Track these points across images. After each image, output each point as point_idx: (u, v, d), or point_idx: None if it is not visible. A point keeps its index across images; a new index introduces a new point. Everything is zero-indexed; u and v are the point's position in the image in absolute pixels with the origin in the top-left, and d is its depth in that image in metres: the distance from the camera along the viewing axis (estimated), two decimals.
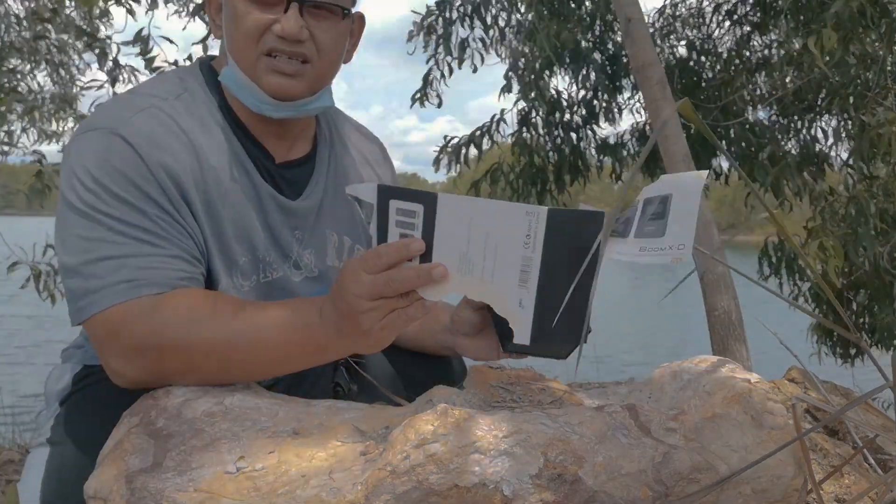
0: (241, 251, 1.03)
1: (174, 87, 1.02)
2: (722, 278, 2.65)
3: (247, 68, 1.00)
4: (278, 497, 0.73)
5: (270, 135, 1.07)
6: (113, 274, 0.89)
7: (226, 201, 1.00)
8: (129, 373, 0.89)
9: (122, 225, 0.91)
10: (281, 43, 0.98)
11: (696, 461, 0.78)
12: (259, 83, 1.00)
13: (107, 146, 0.93)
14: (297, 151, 1.11)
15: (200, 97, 1.03)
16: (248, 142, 1.05)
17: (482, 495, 0.71)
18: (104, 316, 0.89)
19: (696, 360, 0.93)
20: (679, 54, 4.76)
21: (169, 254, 0.93)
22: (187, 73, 1.06)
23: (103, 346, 0.90)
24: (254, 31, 0.97)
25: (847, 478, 0.90)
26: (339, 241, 1.16)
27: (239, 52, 1.00)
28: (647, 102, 2.89)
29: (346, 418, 0.85)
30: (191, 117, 1.00)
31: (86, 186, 0.91)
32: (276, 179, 1.07)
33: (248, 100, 1.02)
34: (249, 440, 0.80)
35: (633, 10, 2.87)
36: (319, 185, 1.12)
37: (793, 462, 0.80)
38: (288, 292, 1.09)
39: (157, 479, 0.76)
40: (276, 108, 1.02)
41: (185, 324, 0.87)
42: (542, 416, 0.80)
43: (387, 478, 0.72)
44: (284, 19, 0.97)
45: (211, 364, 0.88)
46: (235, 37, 0.99)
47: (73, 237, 0.91)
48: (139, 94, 1.00)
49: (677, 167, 2.71)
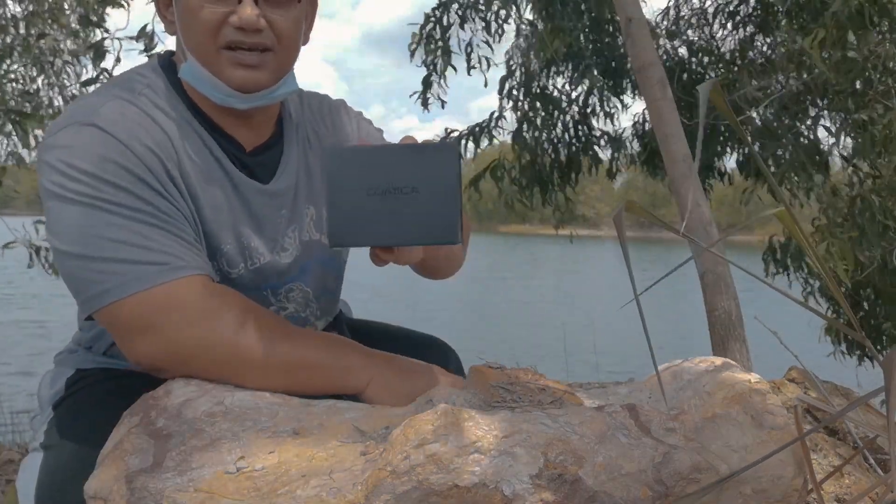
0: (224, 238, 1.02)
1: (135, 84, 1.00)
2: (722, 278, 2.64)
3: (207, 63, 0.98)
4: (278, 497, 0.73)
5: (237, 125, 1.06)
6: (138, 256, 0.88)
7: (203, 188, 0.99)
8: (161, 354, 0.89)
9: (124, 209, 0.90)
10: (239, 34, 0.96)
11: (697, 461, 0.78)
12: (221, 77, 0.98)
13: (86, 137, 0.91)
14: (263, 136, 1.10)
15: (163, 92, 1.01)
16: (216, 133, 1.04)
17: (482, 495, 0.71)
18: (142, 297, 0.88)
19: (696, 360, 0.93)
20: (681, 56, 4.76)
21: (181, 236, 0.93)
22: (147, 70, 1.04)
23: (135, 328, 0.89)
24: (210, 24, 0.96)
25: (847, 478, 0.90)
26: (316, 214, 1.14)
27: (197, 47, 0.98)
28: (648, 102, 2.88)
29: (346, 418, 0.85)
30: (157, 110, 0.99)
31: (74, 178, 0.89)
32: (250, 166, 1.06)
33: (212, 94, 1.00)
34: (249, 440, 0.80)
35: (633, 10, 2.87)
36: (292, 165, 1.11)
37: (793, 462, 0.80)
38: (277, 276, 1.09)
39: (157, 479, 0.76)
40: (243, 100, 1.01)
41: (258, 336, 0.90)
42: (543, 416, 0.80)
43: (387, 478, 0.72)
44: (241, 9, 0.95)
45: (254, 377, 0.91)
46: (191, 32, 0.97)
47: (74, 226, 0.89)
48: (101, 93, 0.99)
49: (677, 167, 2.71)
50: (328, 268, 1.18)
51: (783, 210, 0.68)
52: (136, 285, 0.88)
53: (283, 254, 1.10)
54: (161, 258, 0.90)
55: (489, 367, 0.96)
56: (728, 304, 2.63)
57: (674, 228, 0.73)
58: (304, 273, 1.13)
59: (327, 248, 1.14)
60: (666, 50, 4.70)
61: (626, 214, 0.68)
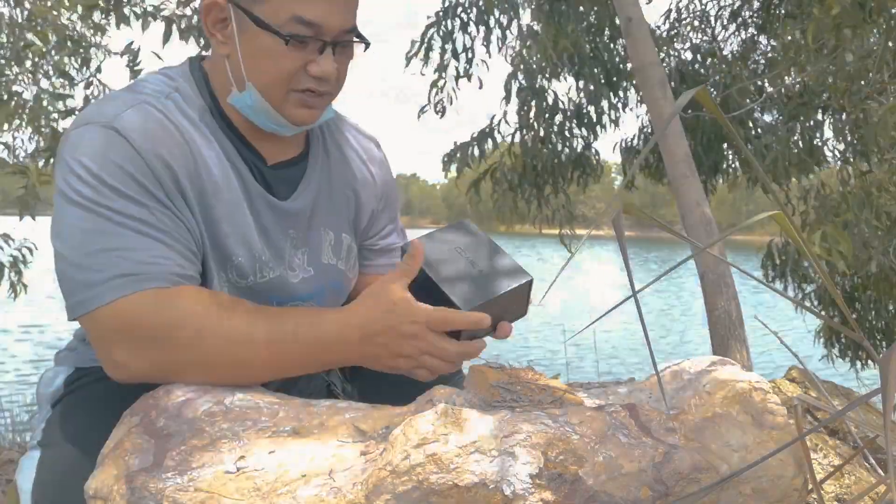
0: (236, 249, 1.03)
1: (164, 86, 1.02)
2: (722, 278, 2.65)
3: (272, 99, 1.01)
4: (278, 497, 0.73)
5: (262, 138, 1.07)
6: (115, 266, 0.89)
7: (219, 197, 1.01)
8: (135, 365, 0.89)
9: (122, 217, 0.91)
10: (314, 83, 1.01)
11: (697, 461, 0.78)
12: (284, 113, 1.02)
13: (102, 139, 0.93)
14: (289, 152, 1.11)
15: (191, 98, 1.03)
16: (239, 144, 1.05)
17: (482, 495, 0.71)
18: (110, 308, 0.88)
19: (696, 360, 0.93)
20: (683, 58, 4.77)
21: (170, 248, 0.93)
22: (177, 74, 1.05)
23: (107, 338, 0.90)
24: (289, 71, 0.99)
25: (847, 478, 0.90)
26: (335, 239, 1.15)
27: (266, 84, 1.01)
28: (648, 102, 2.89)
29: (347, 418, 0.85)
30: (183, 116, 1.00)
31: (82, 179, 0.91)
32: (269, 180, 1.08)
33: (265, 124, 1.04)
34: (250, 440, 0.80)
35: (633, 10, 2.87)
36: (312, 184, 1.12)
37: (793, 462, 0.80)
38: (286, 293, 1.09)
39: (158, 479, 0.76)
40: (290, 130, 1.06)
41: (207, 315, 0.89)
42: (543, 415, 0.80)
43: (387, 477, 0.72)
44: (322, 61, 0.99)
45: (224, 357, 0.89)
46: (261, 70, 1.00)
47: (71, 229, 0.91)
48: (130, 92, 1.00)
49: (678, 167, 2.71)
50: (341, 294, 1.19)
51: (780, 213, 0.68)
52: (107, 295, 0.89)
53: (291, 273, 1.10)
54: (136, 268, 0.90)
55: (489, 367, 0.96)
56: (728, 304, 2.63)
57: (672, 229, 0.73)
58: (319, 296, 1.13)
59: (341, 273, 1.16)
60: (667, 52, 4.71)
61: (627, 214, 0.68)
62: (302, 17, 0.96)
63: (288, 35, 0.96)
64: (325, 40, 0.99)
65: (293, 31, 0.96)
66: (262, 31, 0.97)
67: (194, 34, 3.63)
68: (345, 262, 1.17)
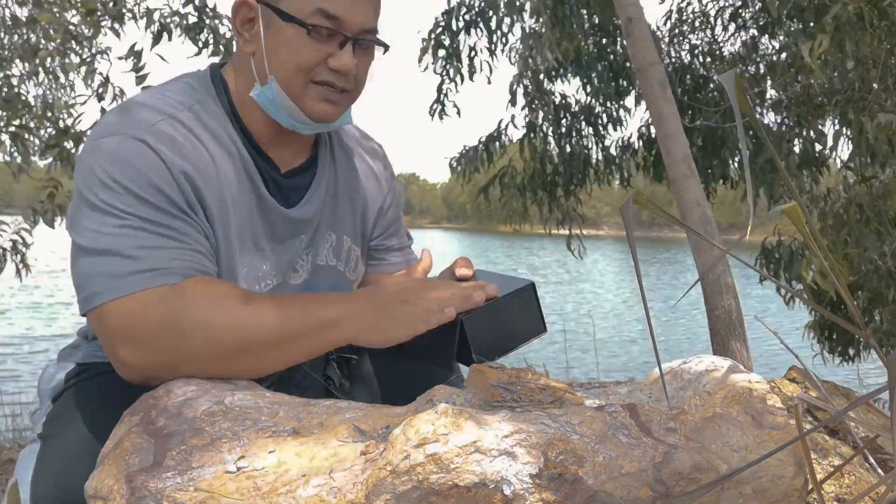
0: (245, 261, 1.06)
1: (187, 97, 1.04)
2: (722, 278, 2.65)
3: (292, 92, 1.03)
4: (278, 497, 0.73)
5: (278, 145, 1.10)
6: (131, 264, 0.90)
7: (236, 211, 1.03)
8: (141, 361, 0.90)
9: (142, 221, 0.93)
10: (333, 76, 1.03)
11: (697, 461, 0.78)
12: (303, 106, 1.04)
13: (131, 150, 0.94)
14: (299, 158, 1.15)
15: (212, 108, 1.05)
16: (256, 153, 1.08)
17: (482, 495, 0.72)
18: (120, 303, 0.89)
19: (696, 360, 0.93)
20: (684, 59, 4.77)
21: (188, 248, 0.95)
22: (199, 83, 1.08)
23: (115, 334, 0.90)
24: (310, 62, 1.02)
25: (847, 478, 0.90)
26: (336, 241, 1.18)
27: (287, 76, 1.03)
28: (648, 102, 2.89)
29: (347, 418, 0.85)
30: (204, 129, 1.03)
31: (106, 186, 0.93)
32: (282, 189, 1.11)
33: (284, 119, 1.06)
34: (250, 440, 0.80)
35: (633, 10, 2.87)
36: (321, 190, 1.15)
37: (793, 462, 0.80)
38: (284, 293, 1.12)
39: (158, 479, 0.76)
40: (309, 127, 1.08)
41: (211, 303, 0.90)
42: (543, 415, 0.80)
43: (387, 477, 0.72)
44: (342, 55, 1.02)
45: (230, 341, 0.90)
46: (283, 62, 1.03)
47: (88, 230, 0.93)
48: (156, 101, 1.02)
49: (678, 167, 2.71)
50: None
51: (794, 206, 0.67)
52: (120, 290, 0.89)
53: (294, 275, 1.14)
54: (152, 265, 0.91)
55: (489, 367, 0.96)
56: (728, 303, 2.63)
57: (684, 224, 0.72)
58: None
59: (340, 274, 1.19)
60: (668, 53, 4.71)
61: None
62: (325, 10, 1.00)
63: (310, 26, 1.00)
64: (346, 35, 1.02)
65: (316, 23, 1.00)
66: (287, 25, 1.01)
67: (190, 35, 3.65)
68: (344, 263, 1.20)
